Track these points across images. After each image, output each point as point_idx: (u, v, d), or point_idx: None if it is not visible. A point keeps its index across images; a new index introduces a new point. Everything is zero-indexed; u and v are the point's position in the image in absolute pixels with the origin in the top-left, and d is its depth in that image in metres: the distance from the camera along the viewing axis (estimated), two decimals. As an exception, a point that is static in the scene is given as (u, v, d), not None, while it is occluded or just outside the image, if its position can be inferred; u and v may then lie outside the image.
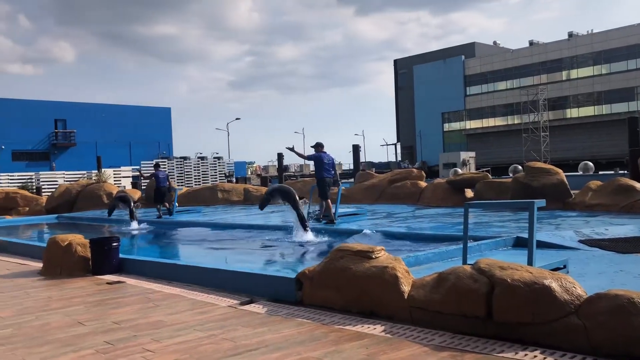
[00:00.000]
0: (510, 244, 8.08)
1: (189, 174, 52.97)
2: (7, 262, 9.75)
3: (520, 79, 68.63)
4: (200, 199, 23.20)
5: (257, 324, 4.78)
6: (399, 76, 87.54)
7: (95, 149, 54.28)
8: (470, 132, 73.80)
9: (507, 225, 10.43)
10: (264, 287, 5.89)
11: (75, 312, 5.57)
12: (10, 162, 50.68)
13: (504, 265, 4.33)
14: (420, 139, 77.12)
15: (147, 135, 59.50)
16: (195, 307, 5.52)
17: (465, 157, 51.27)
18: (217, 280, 6.49)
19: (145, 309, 5.55)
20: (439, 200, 16.42)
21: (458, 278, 4.37)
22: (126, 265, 7.99)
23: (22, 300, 6.33)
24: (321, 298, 5.29)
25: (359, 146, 32.74)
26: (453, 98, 74.70)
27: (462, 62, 74.50)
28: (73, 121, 55.19)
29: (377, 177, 20.63)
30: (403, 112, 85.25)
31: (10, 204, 25.53)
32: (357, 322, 4.66)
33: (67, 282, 7.40)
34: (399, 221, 12.71)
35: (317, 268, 5.45)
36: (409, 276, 4.91)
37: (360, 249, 5.27)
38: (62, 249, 8.14)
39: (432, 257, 6.95)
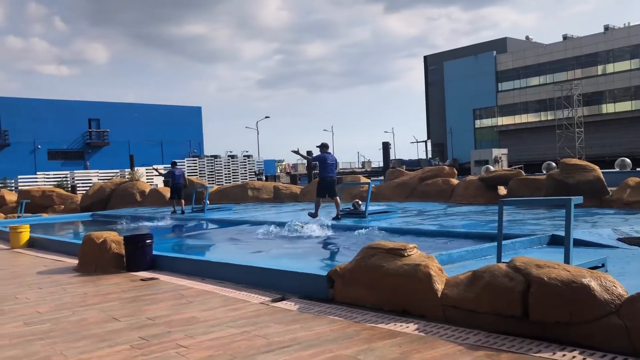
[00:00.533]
0: (546, 242, 7.92)
1: (219, 172, 53.48)
2: (44, 259, 9.98)
3: (553, 74, 67.33)
4: (231, 197, 23.38)
5: (289, 321, 4.78)
6: (429, 73, 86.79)
7: (128, 148, 55.16)
8: (502, 129, 72.73)
9: (542, 223, 10.23)
10: (295, 284, 5.89)
11: (110, 308, 5.66)
12: (47, 161, 51.90)
13: (541, 264, 4.23)
14: (451, 136, 76.34)
15: (179, 134, 60.22)
16: (227, 304, 5.55)
17: (497, 154, 50.59)
18: (249, 277, 6.52)
19: (178, 305, 5.61)
20: (470, 197, 16.21)
21: (493, 276, 4.29)
22: (159, 262, 8.09)
23: (59, 296, 6.46)
24: (353, 296, 5.26)
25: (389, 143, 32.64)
26: (484, 94, 73.70)
27: (494, 58, 73.42)
28: (106, 121, 56.20)
29: (407, 174, 20.48)
30: (433, 109, 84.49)
31: (46, 202, 26.15)
32: (390, 320, 4.62)
33: (102, 279, 7.53)
34: (431, 219, 12.59)
35: (349, 266, 5.43)
36: (442, 274, 4.85)
37: (393, 247, 5.22)
38: (97, 246, 8.29)
39: (465, 255, 6.86)
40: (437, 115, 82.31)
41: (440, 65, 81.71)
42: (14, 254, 11.24)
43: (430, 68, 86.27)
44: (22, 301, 6.29)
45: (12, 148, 50.52)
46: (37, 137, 51.83)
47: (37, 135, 51.79)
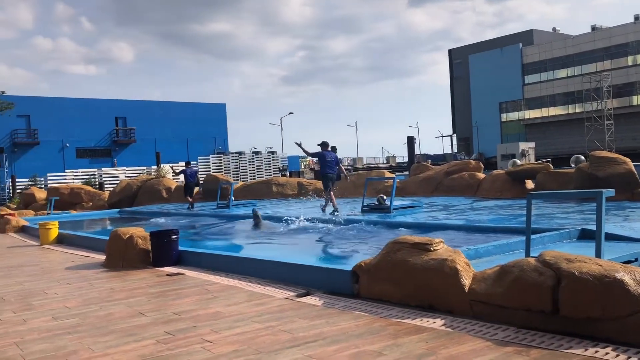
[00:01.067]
0: (575, 237, 7.75)
1: (244, 169, 53.77)
2: (72, 255, 10.13)
3: (581, 66, 66.11)
4: (256, 193, 23.47)
5: (314, 316, 4.75)
6: (454, 66, 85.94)
7: (154, 145, 55.80)
8: (529, 122, 71.70)
9: (571, 217, 10.03)
10: (320, 280, 5.86)
11: (137, 303, 5.70)
12: (75, 159, 52.79)
13: (571, 258, 4.13)
14: (476, 130, 75.53)
15: (204, 131, 60.69)
16: (252, 299, 5.54)
17: (524, 147, 49.88)
18: (274, 272, 6.51)
19: (204, 300, 5.62)
20: (497, 192, 16.00)
21: (522, 271, 4.20)
22: (185, 257, 8.13)
23: (87, 291, 6.54)
24: (378, 291, 5.21)
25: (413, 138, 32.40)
26: (511, 87, 72.71)
27: (520, 50, 72.36)
28: (133, 118, 56.93)
29: (433, 169, 20.30)
30: (459, 103, 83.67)
31: (75, 199, 26.60)
32: (416, 315, 4.56)
33: (128, 274, 7.60)
34: (457, 213, 12.45)
35: (374, 261, 5.37)
36: (469, 269, 4.76)
37: (419, 241, 5.15)
38: (124, 241, 8.37)
39: (492, 250, 6.75)
40: (463, 109, 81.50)
41: (465, 59, 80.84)
42: (44, 250, 11.44)
43: (455, 62, 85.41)
44: (51, 296, 6.38)
45: (42, 146, 51.50)
46: (65, 135, 52.75)
47: (65, 134, 52.71)
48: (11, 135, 50.41)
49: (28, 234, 15.10)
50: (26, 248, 12.00)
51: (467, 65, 79.35)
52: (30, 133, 51.51)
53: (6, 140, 50.09)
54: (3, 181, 45.93)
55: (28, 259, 10.02)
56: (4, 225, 16.46)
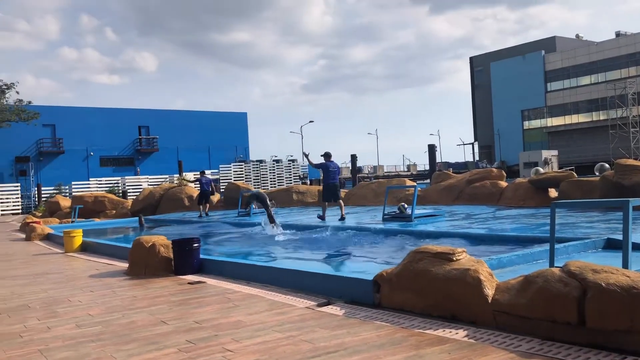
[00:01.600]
0: (601, 246, 7.62)
1: (264, 177, 54.01)
2: (96, 263, 10.24)
3: (605, 73, 65.25)
4: (276, 201, 23.49)
5: (335, 326, 4.73)
6: (475, 74, 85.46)
7: (176, 154, 56.39)
8: (551, 130, 70.90)
9: (596, 226, 9.87)
10: (341, 289, 5.83)
11: (159, 311, 5.74)
12: (99, 167, 53.57)
13: (597, 268, 4.05)
14: (498, 138, 74.91)
15: (225, 140, 61.17)
16: (273, 308, 5.54)
17: (547, 155, 49.35)
18: (295, 281, 6.50)
19: (225, 309, 5.63)
20: (520, 200, 15.82)
21: (546, 281, 4.13)
22: (206, 265, 8.17)
23: (110, 299, 6.60)
24: (400, 301, 5.17)
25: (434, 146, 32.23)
26: (533, 95, 72.03)
27: (542, 57, 71.71)
28: (155, 127, 57.62)
29: (454, 177, 20.15)
30: (480, 111, 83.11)
31: (99, 207, 26.94)
32: (438, 326, 4.51)
33: (151, 282, 7.65)
34: (479, 222, 12.33)
35: (395, 270, 5.34)
36: (492, 279, 4.70)
37: (441, 251, 5.10)
38: (146, 249, 8.44)
39: (515, 260, 6.66)
40: (484, 117, 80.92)
41: (486, 66, 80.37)
42: (68, 257, 11.58)
43: (477, 69, 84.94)
44: (75, 304, 6.45)
45: (67, 155, 52.37)
46: (89, 144, 53.58)
47: (89, 143, 53.54)
48: (37, 144, 51.35)
49: (53, 242, 15.32)
50: (51, 256, 12.17)
51: (489, 73, 78.84)
52: (55, 142, 52.42)
53: (32, 149, 51.03)
54: (29, 189, 46.74)
55: (52, 267, 10.16)
56: (29, 233, 16.72)
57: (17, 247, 14.69)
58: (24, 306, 6.47)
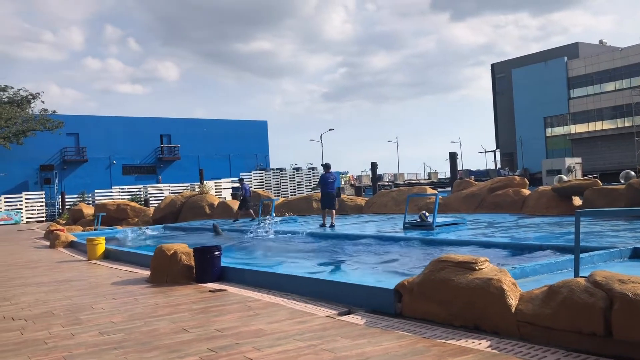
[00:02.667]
0: (627, 256, 7.48)
1: (284, 185, 54.13)
2: (118, 270, 10.34)
3: (630, 79, 64.31)
4: (296, 209, 23.54)
5: (357, 335, 4.70)
6: (497, 81, 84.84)
7: (197, 162, 56.84)
8: (575, 137, 70.01)
9: (622, 235, 9.69)
10: (362, 298, 5.80)
11: (180, 319, 5.76)
12: (121, 175, 54.19)
13: (624, 279, 3.97)
14: (520, 145, 74.15)
15: (246, 148, 61.52)
16: (294, 317, 5.53)
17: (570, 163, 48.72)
18: (315, 289, 6.49)
19: (246, 317, 5.64)
20: (543, 208, 15.62)
21: (571, 291, 4.06)
22: (227, 273, 8.20)
23: (132, 307, 6.65)
24: (421, 310, 5.12)
25: (456, 154, 32.01)
26: (555, 101, 71.25)
27: (565, 64, 70.95)
28: (177, 136, 58.16)
29: (476, 185, 19.98)
30: (502, 118, 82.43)
31: (121, 215, 27.23)
32: (461, 336, 4.46)
33: (172, 290, 7.70)
34: (502, 231, 12.19)
35: (417, 279, 5.29)
36: (516, 289, 4.64)
37: (463, 260, 5.05)
38: (168, 257, 8.50)
39: (539, 269, 6.57)
40: (506, 124, 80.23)
41: (508, 73, 79.75)
42: (91, 265, 11.71)
43: (498, 76, 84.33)
44: (98, 311, 6.51)
45: (90, 163, 53.08)
46: (112, 153, 54.25)
47: (112, 151, 54.21)
48: (61, 153, 52.16)
49: (76, 249, 15.51)
50: (74, 263, 12.32)
51: (510, 80, 78.21)
52: (79, 151, 53.19)
53: (56, 158, 51.84)
54: (53, 197, 47.47)
55: (76, 274, 10.28)
56: (53, 240, 16.96)
57: (42, 254, 14.90)
58: (48, 313, 6.56)
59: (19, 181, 49.21)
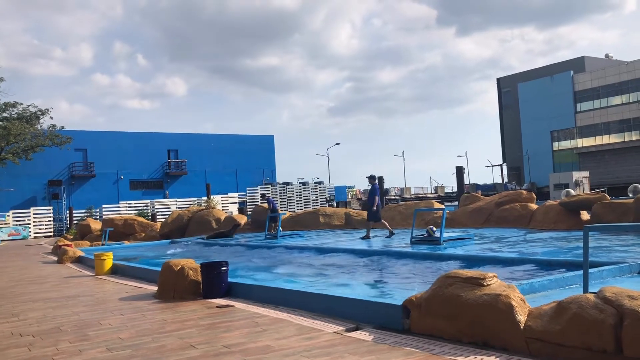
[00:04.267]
0: (637, 271, 7.43)
1: (291, 199, 54.18)
2: (125, 285, 10.34)
3: (637, 93, 64.25)
4: (303, 224, 23.53)
5: (364, 351, 4.68)
6: (503, 95, 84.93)
7: (204, 177, 57.01)
8: (582, 151, 69.81)
9: (631, 250, 9.63)
10: (370, 314, 5.78)
11: (188, 335, 5.76)
12: (129, 190, 54.40)
13: (634, 295, 3.95)
14: (527, 159, 73.97)
15: (252, 163, 61.68)
16: (302, 333, 5.51)
17: (578, 177, 48.53)
18: (323, 305, 6.47)
19: (253, 333, 5.63)
20: (551, 223, 15.55)
21: (580, 307, 4.04)
22: (234, 289, 8.19)
23: (139, 323, 6.65)
24: (430, 326, 5.10)
25: (462, 168, 32.00)
26: (562, 115, 71.19)
27: (571, 78, 70.97)
28: (184, 151, 58.42)
29: (483, 199, 19.92)
30: (508, 132, 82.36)
31: (128, 230, 27.29)
32: (469, 352, 4.43)
33: (180, 305, 7.70)
34: (509, 246, 12.13)
35: (425, 295, 5.28)
36: (524, 305, 4.61)
37: (471, 276, 5.04)
38: (175, 273, 8.50)
39: (548, 285, 6.52)
40: (513, 138, 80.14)
41: (514, 87, 79.83)
42: (98, 280, 11.73)
43: (504, 90, 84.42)
44: (105, 327, 6.51)
45: (97, 178, 53.33)
46: (120, 168, 54.52)
47: (120, 166, 54.48)
48: (69, 168, 52.46)
49: (84, 264, 15.54)
50: (82, 278, 12.34)
51: (516, 94, 78.26)
52: (86, 166, 53.48)
53: (64, 173, 52.13)
54: (61, 212, 47.68)
55: (83, 290, 10.30)
56: (61, 255, 17.00)
57: (49, 269, 14.94)
58: (56, 329, 6.56)
59: (28, 196, 49.48)
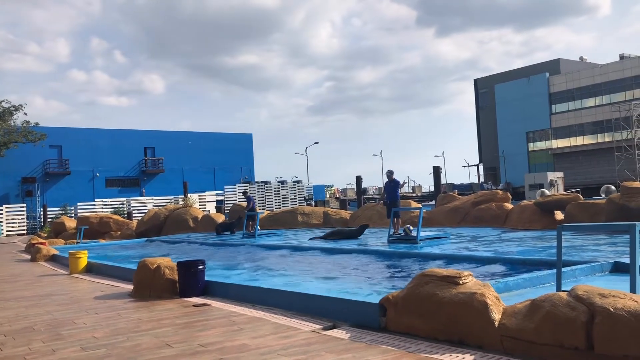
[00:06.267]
0: (608, 270, 7.57)
1: (269, 198, 54.04)
2: (100, 284, 10.23)
3: (610, 95, 65.41)
4: (281, 222, 23.52)
5: (341, 350, 4.70)
6: (480, 96, 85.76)
7: (181, 175, 56.55)
8: (557, 152, 70.87)
9: (603, 249, 9.82)
10: (346, 312, 5.80)
11: (163, 334, 5.71)
12: (104, 188, 53.70)
13: (605, 293, 4.03)
14: (503, 160, 74.86)
15: (230, 161, 61.36)
16: (278, 331, 5.51)
17: (552, 177, 49.23)
18: (300, 304, 6.47)
19: (230, 332, 5.61)
20: (526, 223, 15.77)
21: (553, 306, 4.11)
22: (211, 287, 8.15)
23: (114, 322, 6.58)
24: (406, 325, 5.14)
25: (439, 168, 32.19)
26: (537, 116, 72.17)
27: (547, 79, 71.97)
28: (161, 149, 57.86)
29: (459, 199, 20.13)
30: (485, 132, 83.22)
31: (104, 228, 26.98)
32: (445, 350, 4.47)
33: (156, 304, 7.63)
34: (485, 245, 12.28)
35: (402, 293, 5.31)
36: (499, 303, 4.68)
37: (447, 274, 5.09)
38: (151, 271, 8.43)
39: (522, 283, 6.62)
40: (489, 139, 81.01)
41: (491, 89, 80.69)
42: (73, 279, 11.58)
43: (481, 91, 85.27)
44: (80, 326, 6.43)
45: (73, 176, 52.55)
46: (95, 165, 53.80)
47: (95, 164, 53.76)
48: (43, 165, 51.61)
49: (58, 263, 15.32)
50: (56, 277, 12.16)
51: (493, 95, 79.14)
52: (61, 163, 52.66)
53: (38, 170, 51.26)
54: (35, 210, 46.90)
55: (57, 288, 10.15)
56: (35, 254, 16.74)
57: (23, 268, 14.70)
58: (28, 328, 6.46)
59: (0, 194, 48.56)
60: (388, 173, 15.41)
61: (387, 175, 15.43)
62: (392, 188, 15.14)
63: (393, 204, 14.76)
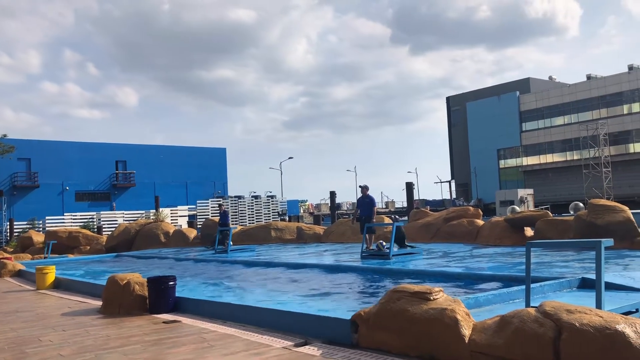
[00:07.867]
0: (576, 286, 7.70)
1: (242, 213, 53.71)
2: (69, 300, 10.01)
3: (578, 114, 67.00)
4: (254, 238, 23.37)
5: (313, 366, 4.68)
6: (452, 113, 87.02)
7: (153, 189, 55.87)
8: (527, 169, 72.13)
9: (571, 265, 9.99)
10: (318, 329, 5.79)
11: (132, 352, 5.62)
12: (74, 202, 52.72)
13: (571, 309, 4.11)
14: (475, 176, 75.84)
15: (203, 175, 60.91)
16: (250, 348, 5.46)
17: (523, 194, 50.04)
18: (271, 320, 6.44)
19: (200, 349, 5.54)
20: (496, 239, 15.97)
21: (522, 322, 4.17)
22: (182, 304, 8.05)
23: (82, 339, 6.44)
24: (378, 341, 5.15)
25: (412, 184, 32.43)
26: (508, 134, 73.46)
27: (517, 98, 73.42)
28: (133, 162, 57.17)
29: (431, 215, 20.29)
30: (457, 149, 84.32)
31: (73, 243, 26.47)
32: (416, 366, 4.49)
33: (125, 321, 7.51)
34: (456, 261, 12.38)
35: (373, 309, 5.33)
36: (469, 319, 4.72)
37: (418, 290, 5.12)
38: (121, 287, 8.30)
39: (492, 299, 6.69)
40: (461, 156, 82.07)
41: (463, 106, 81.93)
42: (40, 295, 11.31)
43: (453, 109, 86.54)
44: (45, 343, 6.28)
45: (41, 189, 51.51)
46: (65, 178, 52.85)
47: (65, 177, 52.81)
48: (11, 178, 50.51)
49: (24, 279, 14.97)
50: (22, 293, 11.87)
51: (465, 112, 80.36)
52: (30, 176, 51.62)
53: (6, 183, 50.14)
54: (1, 224, 45.78)
55: (23, 305, 9.91)
56: (0, 269, 16.32)
57: (-13, 283, 14.31)
58: (-8, 346, 6.29)
59: (-35, 207, 47.32)
60: (362, 188, 15.22)
61: (362, 190, 15.25)
62: (367, 204, 15.07)
63: (367, 220, 14.73)
